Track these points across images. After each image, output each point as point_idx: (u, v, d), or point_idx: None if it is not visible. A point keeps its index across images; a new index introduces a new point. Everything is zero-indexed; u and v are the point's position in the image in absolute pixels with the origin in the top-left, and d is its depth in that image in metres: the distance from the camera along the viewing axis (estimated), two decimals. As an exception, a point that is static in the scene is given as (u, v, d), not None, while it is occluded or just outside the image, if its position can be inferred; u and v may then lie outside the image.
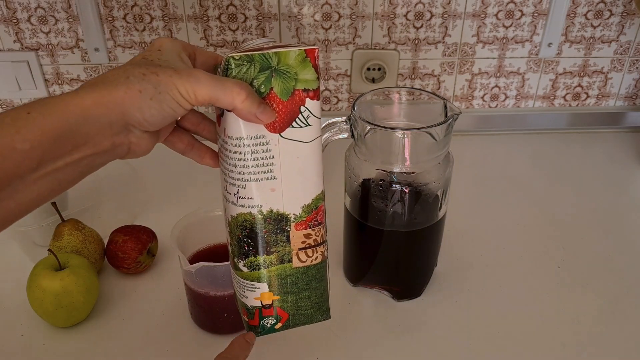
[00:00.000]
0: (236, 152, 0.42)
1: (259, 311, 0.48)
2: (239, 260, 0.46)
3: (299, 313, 0.48)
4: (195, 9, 0.91)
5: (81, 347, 0.61)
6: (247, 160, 0.42)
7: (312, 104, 0.43)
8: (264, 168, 0.43)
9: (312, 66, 0.42)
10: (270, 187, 0.43)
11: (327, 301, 0.49)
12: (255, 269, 0.46)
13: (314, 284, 0.48)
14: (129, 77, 0.37)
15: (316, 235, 0.46)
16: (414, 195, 0.59)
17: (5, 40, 0.93)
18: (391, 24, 0.93)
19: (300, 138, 0.43)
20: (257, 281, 0.46)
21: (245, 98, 0.39)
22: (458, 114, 0.56)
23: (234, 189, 0.44)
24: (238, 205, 0.44)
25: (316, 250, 0.47)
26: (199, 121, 0.46)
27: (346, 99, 1.00)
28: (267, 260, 0.46)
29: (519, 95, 1.01)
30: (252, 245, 0.45)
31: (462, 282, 0.69)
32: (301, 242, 0.46)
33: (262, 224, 0.44)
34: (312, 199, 0.45)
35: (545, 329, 0.63)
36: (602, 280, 0.69)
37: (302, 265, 0.47)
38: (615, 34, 0.95)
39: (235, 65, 0.40)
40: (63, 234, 0.67)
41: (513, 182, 0.89)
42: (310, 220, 0.46)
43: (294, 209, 0.45)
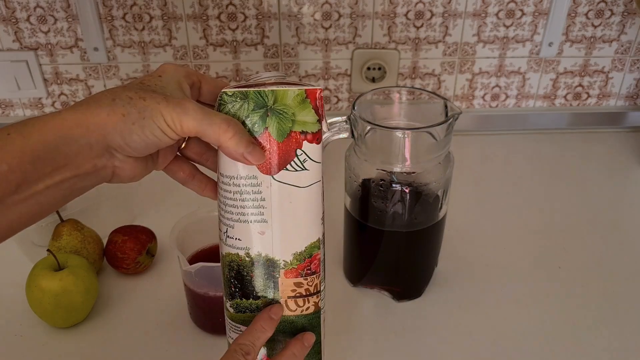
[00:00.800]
0: (227, 190, 0.41)
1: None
2: (226, 300, 0.45)
3: None
4: (194, 8, 0.90)
5: (80, 348, 0.61)
6: (236, 200, 0.41)
7: (310, 147, 0.40)
8: (253, 210, 0.41)
9: (312, 108, 0.40)
10: (260, 230, 0.41)
11: (319, 353, 0.46)
12: (241, 311, 0.44)
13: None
14: (115, 99, 0.36)
15: (309, 285, 0.43)
16: (414, 195, 0.58)
17: (4, 40, 0.92)
18: (391, 24, 0.93)
19: (295, 182, 0.41)
20: (242, 324, 0.44)
21: (232, 136, 0.37)
22: (458, 113, 0.56)
23: (224, 227, 0.43)
24: (226, 245, 0.43)
25: (308, 300, 0.44)
26: (203, 151, 0.44)
27: (346, 98, 1.00)
28: (254, 304, 0.44)
29: (519, 95, 1.01)
30: (239, 287, 0.43)
31: (463, 283, 0.69)
32: (291, 291, 0.43)
33: (249, 267, 0.43)
34: (306, 247, 0.43)
35: (545, 329, 0.62)
36: (602, 280, 0.69)
37: (291, 314, 0.44)
38: (616, 34, 0.95)
39: (229, 101, 0.39)
40: (62, 234, 0.67)
41: (513, 182, 0.88)
42: (302, 268, 0.43)
43: (284, 255, 0.42)
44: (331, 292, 0.67)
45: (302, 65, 0.96)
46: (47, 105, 0.99)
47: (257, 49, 0.94)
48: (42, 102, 0.99)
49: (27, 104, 0.99)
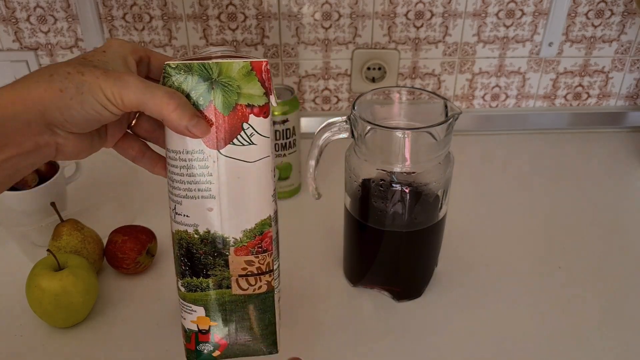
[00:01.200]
0: (174, 165, 0.41)
1: (195, 335, 0.45)
2: (177, 279, 0.44)
3: (238, 343, 0.45)
4: (194, 8, 0.90)
5: (80, 348, 0.61)
6: (183, 175, 0.40)
7: (257, 121, 0.39)
8: (201, 185, 0.40)
9: (257, 80, 0.39)
10: (208, 207, 0.41)
11: (273, 334, 0.46)
12: (192, 290, 0.43)
13: (257, 314, 0.44)
14: (53, 75, 0.35)
15: (260, 263, 0.43)
16: (414, 195, 0.58)
17: (4, 40, 0.92)
18: (391, 24, 0.93)
19: (243, 157, 0.40)
20: (193, 303, 0.44)
21: (174, 108, 0.37)
22: (458, 113, 0.56)
23: (173, 204, 0.42)
24: (175, 222, 0.42)
25: (260, 279, 0.43)
26: (153, 129, 0.44)
27: (346, 98, 1.00)
28: (204, 283, 0.43)
29: (519, 95, 1.01)
30: (189, 265, 0.43)
31: (463, 283, 0.69)
32: (242, 269, 0.42)
33: (198, 245, 0.42)
34: (256, 224, 0.42)
35: (545, 329, 0.62)
36: (603, 280, 0.69)
37: (242, 294, 0.43)
38: (616, 34, 0.95)
39: (173, 74, 0.38)
40: (62, 234, 0.67)
41: (513, 182, 0.88)
42: (253, 246, 0.42)
43: (234, 232, 0.42)
44: (331, 292, 0.68)
45: (302, 65, 0.96)
46: (47, 105, 0.99)
47: (257, 49, 0.94)
48: (42, 102, 0.99)
49: (27, 104, 0.99)
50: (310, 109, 1.01)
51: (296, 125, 0.79)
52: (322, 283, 0.69)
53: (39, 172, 0.70)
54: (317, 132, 0.60)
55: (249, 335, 0.45)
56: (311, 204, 0.82)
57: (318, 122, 0.85)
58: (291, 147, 0.80)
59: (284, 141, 0.79)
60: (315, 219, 0.80)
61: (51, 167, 0.72)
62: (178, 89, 0.39)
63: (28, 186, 0.69)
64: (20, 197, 0.69)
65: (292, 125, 0.78)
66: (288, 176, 0.82)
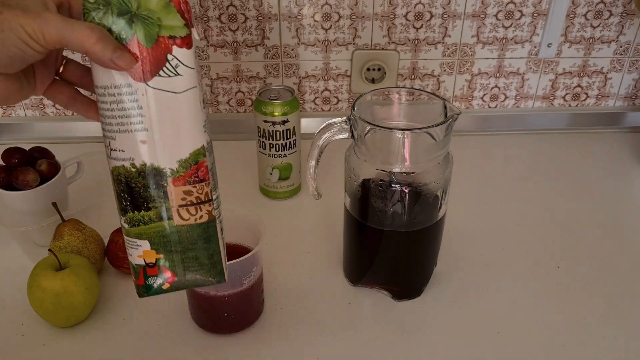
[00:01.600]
0: (103, 101, 0.41)
1: (143, 270, 0.45)
2: (120, 217, 0.45)
3: (186, 274, 0.46)
4: (195, 9, 0.91)
5: (81, 347, 0.61)
6: (114, 110, 0.41)
7: (180, 52, 0.40)
8: (132, 119, 0.41)
9: (177, 12, 0.40)
10: (141, 139, 0.41)
11: (219, 263, 0.47)
12: (135, 225, 0.44)
13: (201, 244, 0.45)
14: None
15: (199, 193, 0.44)
16: (413, 195, 0.59)
17: (6, 41, 0.93)
18: (391, 25, 0.93)
19: (170, 88, 0.41)
20: (138, 238, 0.44)
21: (96, 41, 0.37)
22: (458, 114, 0.56)
23: (107, 141, 0.42)
24: (111, 158, 0.43)
25: (200, 208, 0.44)
26: (82, 74, 0.44)
27: (346, 99, 1.00)
28: (146, 216, 0.44)
29: (518, 96, 1.01)
30: (130, 200, 0.43)
31: (462, 282, 0.69)
32: (181, 199, 0.43)
33: (136, 178, 0.43)
34: (190, 154, 0.43)
35: (545, 329, 0.63)
36: (602, 280, 0.69)
37: (184, 224, 0.44)
38: (614, 34, 0.95)
39: (92, 9, 0.39)
40: (63, 234, 0.67)
41: (512, 182, 0.89)
42: (190, 176, 0.43)
43: (169, 163, 0.42)
44: (331, 291, 0.68)
45: (302, 66, 0.96)
46: (49, 105, 0.99)
47: (257, 49, 0.95)
48: (43, 102, 0.99)
49: (28, 105, 0.99)
50: (310, 110, 1.01)
51: (296, 125, 0.79)
52: (322, 283, 0.69)
53: (40, 172, 0.71)
54: (317, 133, 0.60)
55: (196, 266, 0.46)
56: (311, 204, 0.82)
57: (318, 122, 0.85)
58: (291, 147, 0.80)
59: (284, 141, 0.79)
60: (315, 219, 0.80)
61: (52, 167, 0.72)
62: (99, 25, 0.39)
63: (29, 186, 0.69)
64: (21, 197, 0.70)
65: (292, 125, 0.78)
66: (288, 176, 0.82)
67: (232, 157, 0.94)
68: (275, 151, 0.79)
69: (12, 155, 0.71)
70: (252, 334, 0.62)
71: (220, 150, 0.99)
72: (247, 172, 0.89)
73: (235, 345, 0.61)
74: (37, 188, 0.70)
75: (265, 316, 0.64)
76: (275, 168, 0.81)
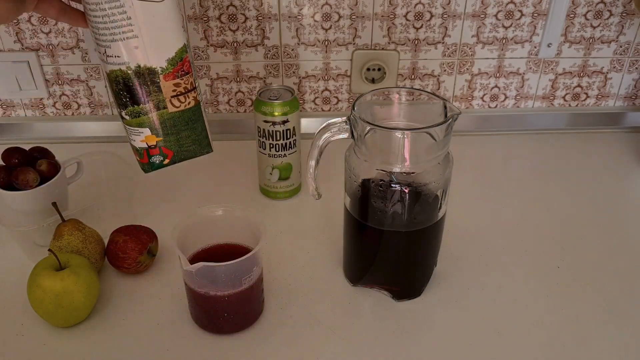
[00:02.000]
0: (95, 16, 0.47)
1: (146, 151, 0.55)
2: (121, 110, 0.53)
3: (182, 150, 0.56)
4: (195, 9, 0.91)
5: (81, 347, 0.61)
6: (107, 22, 0.47)
7: None
8: (123, 29, 0.48)
9: None
10: (134, 45, 0.49)
11: (207, 137, 0.57)
12: (136, 116, 0.53)
13: (191, 124, 0.55)
14: None
15: (185, 84, 0.52)
16: (413, 195, 0.59)
17: (6, 41, 0.93)
18: (391, 25, 0.93)
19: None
20: (139, 127, 0.53)
21: None
22: (458, 114, 0.56)
23: (102, 49, 0.50)
24: (108, 63, 0.50)
25: (188, 96, 0.53)
26: None
27: (346, 99, 1.00)
28: (145, 108, 0.52)
29: (518, 96, 1.01)
30: (129, 96, 0.51)
31: (462, 282, 0.69)
32: (172, 91, 0.52)
33: (133, 78, 0.50)
34: (176, 52, 0.51)
35: (545, 329, 0.63)
36: (602, 280, 0.69)
37: (176, 110, 0.53)
38: (614, 34, 0.95)
39: None
40: (63, 234, 0.67)
41: (513, 182, 0.89)
42: (177, 71, 0.51)
43: (159, 62, 0.50)
44: (331, 291, 0.68)
45: (302, 66, 0.96)
46: (49, 105, 0.99)
47: (257, 50, 0.95)
48: (43, 102, 0.99)
49: (29, 105, 0.99)
50: (310, 110, 1.01)
51: (296, 125, 0.79)
52: (322, 283, 0.69)
53: (40, 172, 0.71)
54: (317, 133, 0.60)
55: (189, 142, 0.56)
56: (311, 204, 0.82)
57: (318, 122, 0.85)
58: (291, 147, 0.80)
59: (284, 141, 0.79)
60: (315, 219, 0.80)
61: (52, 167, 0.72)
62: None
63: (29, 186, 0.69)
64: (21, 197, 0.70)
65: (292, 125, 0.78)
66: (288, 176, 0.82)
67: (232, 157, 0.94)
68: (275, 151, 0.80)
69: (12, 155, 0.71)
70: (252, 334, 0.62)
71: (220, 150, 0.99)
72: (247, 172, 0.89)
73: (235, 345, 0.61)
74: (37, 188, 0.70)
75: (265, 316, 0.64)
76: (275, 168, 0.81)
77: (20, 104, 0.99)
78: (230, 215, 0.63)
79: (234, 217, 0.63)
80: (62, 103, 0.99)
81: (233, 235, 0.64)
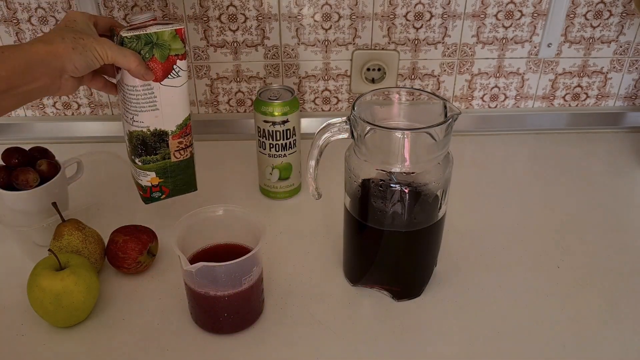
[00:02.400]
0: (131, 93, 0.64)
1: (149, 189, 0.71)
2: (135, 158, 0.68)
3: (176, 188, 0.72)
4: (195, 9, 0.91)
5: (81, 347, 0.61)
6: (138, 98, 0.64)
7: (181, 63, 0.64)
8: (150, 104, 0.64)
9: (180, 40, 0.63)
10: (155, 115, 0.65)
11: (194, 179, 0.73)
12: (146, 163, 0.68)
13: (185, 170, 0.71)
14: (65, 38, 0.55)
15: (186, 142, 0.69)
16: (413, 195, 0.59)
17: (6, 41, 0.93)
18: (391, 25, 0.93)
19: (173, 84, 0.65)
20: (148, 171, 0.69)
21: (136, 65, 0.60)
22: (458, 114, 0.56)
23: (130, 115, 0.65)
24: (133, 126, 0.66)
25: (186, 150, 0.70)
26: (110, 71, 0.65)
27: (346, 99, 1.00)
28: (154, 158, 0.68)
29: (518, 96, 1.01)
30: (144, 149, 0.67)
31: (462, 282, 0.69)
32: (176, 147, 0.69)
33: (150, 137, 0.67)
34: (183, 120, 0.67)
35: (545, 329, 0.63)
36: (602, 280, 0.69)
37: (177, 160, 0.70)
38: (614, 34, 0.95)
39: (128, 42, 0.61)
40: (63, 234, 0.67)
41: (513, 182, 0.89)
42: (182, 133, 0.68)
43: (170, 127, 0.67)
44: (331, 291, 0.68)
45: (302, 66, 0.96)
46: (49, 105, 0.99)
47: (257, 50, 0.95)
48: (43, 102, 0.99)
49: (29, 104, 0.99)
50: (310, 110, 1.01)
51: (296, 125, 0.79)
52: (322, 283, 0.69)
53: (40, 172, 0.71)
54: (317, 133, 0.60)
55: (181, 183, 0.72)
56: (311, 204, 0.82)
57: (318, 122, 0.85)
58: (291, 147, 0.80)
59: (284, 141, 0.79)
60: (315, 219, 0.80)
61: (52, 167, 0.72)
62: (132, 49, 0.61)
63: (30, 186, 0.69)
64: (21, 197, 0.70)
65: (292, 125, 0.78)
66: (288, 176, 0.82)
67: (232, 157, 0.94)
68: (275, 151, 0.79)
69: (12, 155, 0.71)
70: (252, 334, 0.62)
71: (220, 150, 0.99)
72: (247, 172, 0.89)
73: (235, 345, 0.61)
74: (37, 188, 0.70)
75: (265, 316, 0.64)
76: (275, 168, 0.81)
77: (20, 104, 0.99)
78: (230, 215, 0.63)
79: (234, 217, 0.63)
80: (62, 103, 0.99)
81: (233, 235, 0.64)
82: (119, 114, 1.01)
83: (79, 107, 1.00)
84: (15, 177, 0.69)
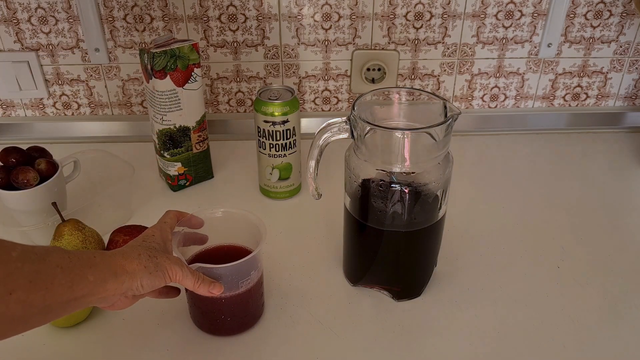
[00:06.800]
0: (161, 98, 0.78)
1: (177, 177, 0.84)
2: (164, 152, 0.82)
3: (197, 176, 0.86)
4: (195, 9, 0.91)
5: (81, 347, 0.61)
6: (167, 102, 0.78)
7: (197, 70, 0.79)
8: (176, 104, 0.79)
9: (195, 51, 0.77)
10: (179, 114, 0.80)
11: (211, 167, 0.88)
12: (174, 155, 0.83)
13: (204, 160, 0.86)
14: (141, 255, 0.52)
15: (204, 135, 0.84)
16: (413, 195, 0.59)
17: (6, 41, 0.93)
18: (391, 25, 0.93)
19: (192, 88, 0.79)
20: (175, 162, 0.83)
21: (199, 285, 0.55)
22: (458, 114, 0.56)
23: (160, 116, 0.79)
24: (163, 125, 0.80)
25: (204, 142, 0.85)
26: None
27: (346, 99, 1.00)
28: (180, 150, 0.83)
29: (518, 96, 1.01)
30: (171, 143, 0.82)
31: (462, 282, 0.69)
32: (196, 139, 0.83)
33: (176, 132, 0.81)
34: (200, 117, 0.82)
35: (545, 329, 0.63)
36: (602, 280, 0.69)
37: (197, 151, 0.84)
38: (614, 34, 0.95)
39: (157, 56, 0.75)
40: (63, 234, 0.67)
41: (512, 182, 0.89)
42: (200, 127, 0.83)
43: (191, 123, 0.82)
44: (331, 291, 0.68)
45: (302, 66, 0.96)
46: (49, 105, 0.99)
47: (257, 50, 0.95)
48: (43, 102, 0.99)
49: (29, 105, 0.99)
50: (310, 110, 1.01)
51: (296, 125, 0.79)
52: (322, 283, 0.69)
53: (39, 171, 0.71)
54: (317, 133, 0.60)
55: (202, 171, 0.86)
56: (311, 204, 0.82)
57: (318, 122, 0.85)
58: (291, 147, 0.80)
59: (284, 141, 0.79)
60: (315, 219, 0.80)
61: (51, 166, 0.72)
62: (163, 64, 0.76)
63: (30, 185, 0.69)
64: (22, 196, 0.70)
65: (292, 125, 0.78)
66: (288, 176, 0.82)
67: (232, 157, 0.94)
68: (275, 151, 0.79)
69: (10, 155, 0.71)
70: (252, 333, 0.62)
71: (220, 150, 0.99)
72: (247, 172, 0.89)
73: (235, 345, 0.61)
74: (37, 187, 0.70)
75: (265, 316, 0.64)
76: (275, 168, 0.81)
77: (20, 104, 0.99)
78: (230, 216, 0.63)
79: (234, 219, 0.63)
80: (62, 103, 0.99)
81: (233, 236, 0.64)
82: (118, 114, 1.01)
83: (79, 107, 1.00)
84: (15, 176, 0.69)
